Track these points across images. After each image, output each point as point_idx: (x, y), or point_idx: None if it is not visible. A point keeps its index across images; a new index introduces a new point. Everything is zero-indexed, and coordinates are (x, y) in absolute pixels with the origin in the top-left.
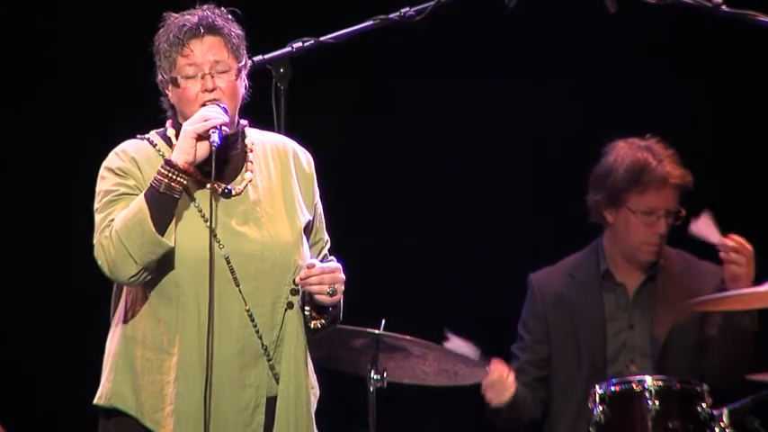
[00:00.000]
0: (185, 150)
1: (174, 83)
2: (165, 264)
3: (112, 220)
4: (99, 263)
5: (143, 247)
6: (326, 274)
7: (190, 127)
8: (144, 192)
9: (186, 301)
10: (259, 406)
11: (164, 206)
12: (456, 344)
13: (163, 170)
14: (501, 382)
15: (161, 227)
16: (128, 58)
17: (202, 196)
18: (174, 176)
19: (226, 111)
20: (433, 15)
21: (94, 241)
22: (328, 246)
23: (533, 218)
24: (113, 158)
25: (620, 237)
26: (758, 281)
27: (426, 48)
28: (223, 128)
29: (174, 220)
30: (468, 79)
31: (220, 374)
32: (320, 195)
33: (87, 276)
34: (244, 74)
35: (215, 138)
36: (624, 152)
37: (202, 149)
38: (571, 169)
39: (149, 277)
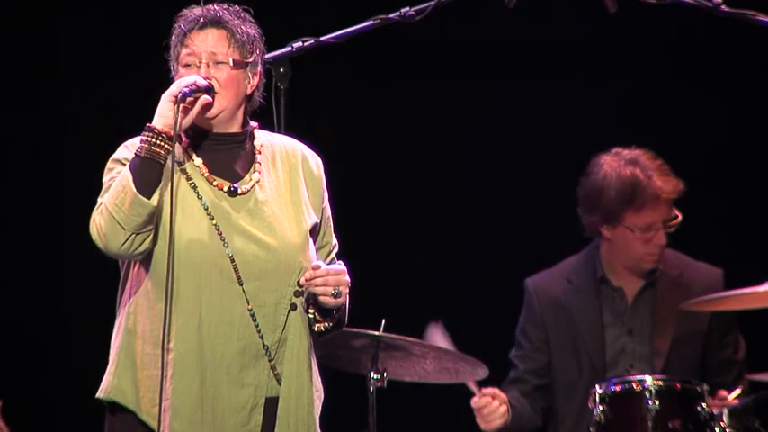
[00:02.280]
0: (163, 114)
1: (177, 73)
2: (166, 257)
3: None
4: (93, 239)
5: (128, 211)
6: (331, 275)
7: (167, 92)
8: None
9: (186, 299)
10: (257, 406)
11: (146, 170)
12: (435, 336)
13: (143, 136)
14: (490, 410)
15: (144, 190)
16: (135, 57)
17: (209, 194)
18: (154, 140)
19: (210, 84)
20: (433, 15)
21: (90, 220)
22: (336, 249)
23: (533, 218)
24: (122, 150)
25: (619, 251)
26: (758, 281)
27: (426, 48)
28: (204, 95)
29: (177, 214)
30: (467, 79)
31: (219, 372)
32: (328, 198)
33: (93, 274)
34: (251, 72)
35: (184, 90)
36: (611, 169)
37: (187, 116)
38: (570, 169)
39: (144, 247)
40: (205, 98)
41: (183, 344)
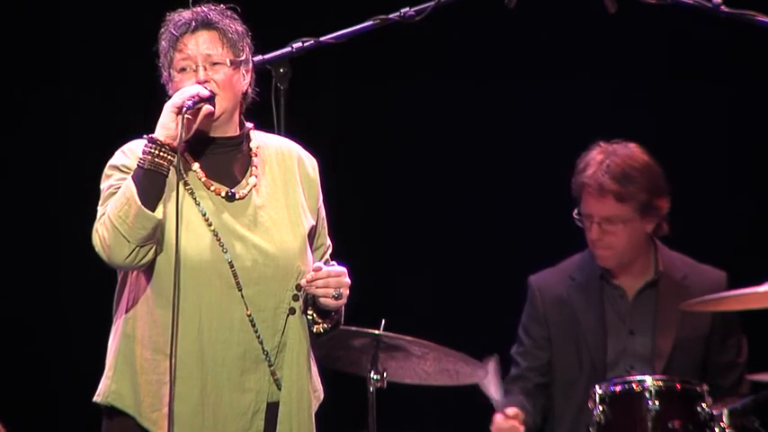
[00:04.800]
0: (166, 125)
1: (172, 79)
2: (165, 265)
3: None
4: (96, 249)
5: (132, 224)
6: (332, 277)
7: (169, 102)
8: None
9: (186, 305)
10: (259, 411)
11: (150, 183)
12: (489, 379)
13: (146, 147)
14: (511, 430)
15: (149, 202)
16: (133, 58)
17: (207, 200)
18: (157, 152)
19: (212, 92)
20: (433, 15)
21: (92, 230)
22: (330, 251)
23: (534, 218)
24: (119, 156)
25: None
26: (758, 281)
27: (426, 48)
28: (206, 105)
29: (179, 223)
30: (467, 80)
31: (220, 377)
32: (322, 199)
33: (93, 275)
34: (244, 69)
35: (188, 103)
36: (588, 152)
37: (190, 128)
38: (570, 168)
39: (147, 258)
40: (207, 108)
41: (184, 349)
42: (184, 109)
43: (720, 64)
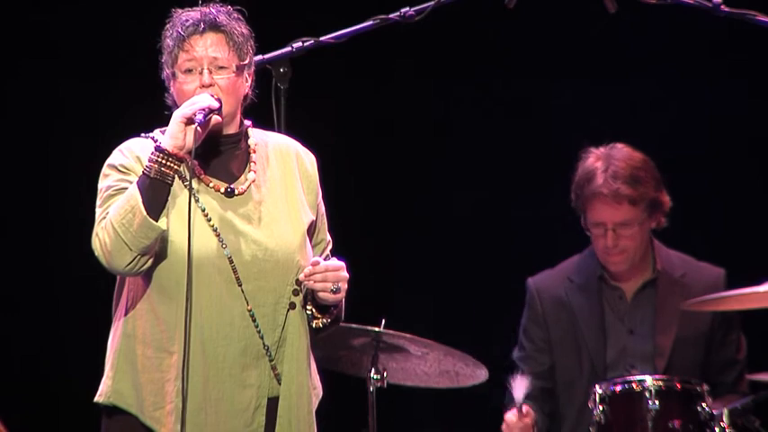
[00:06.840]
0: (174, 135)
1: (175, 78)
2: (166, 262)
3: None
4: (96, 254)
5: (136, 233)
6: (330, 271)
7: (178, 112)
8: (136, 179)
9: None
10: (260, 407)
11: (155, 192)
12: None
13: (153, 156)
14: (523, 430)
15: (153, 212)
16: (132, 56)
17: (206, 196)
18: (165, 161)
19: (220, 101)
20: (433, 15)
21: (92, 234)
22: (330, 246)
23: (534, 218)
24: (117, 155)
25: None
26: (758, 281)
27: (426, 48)
28: (214, 116)
29: (177, 218)
30: (467, 80)
31: (222, 374)
32: (321, 195)
33: (92, 274)
34: (247, 73)
35: (199, 117)
36: (584, 161)
37: (195, 135)
38: (569, 168)
39: (147, 266)
40: (216, 118)
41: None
42: (196, 123)
43: (720, 64)
